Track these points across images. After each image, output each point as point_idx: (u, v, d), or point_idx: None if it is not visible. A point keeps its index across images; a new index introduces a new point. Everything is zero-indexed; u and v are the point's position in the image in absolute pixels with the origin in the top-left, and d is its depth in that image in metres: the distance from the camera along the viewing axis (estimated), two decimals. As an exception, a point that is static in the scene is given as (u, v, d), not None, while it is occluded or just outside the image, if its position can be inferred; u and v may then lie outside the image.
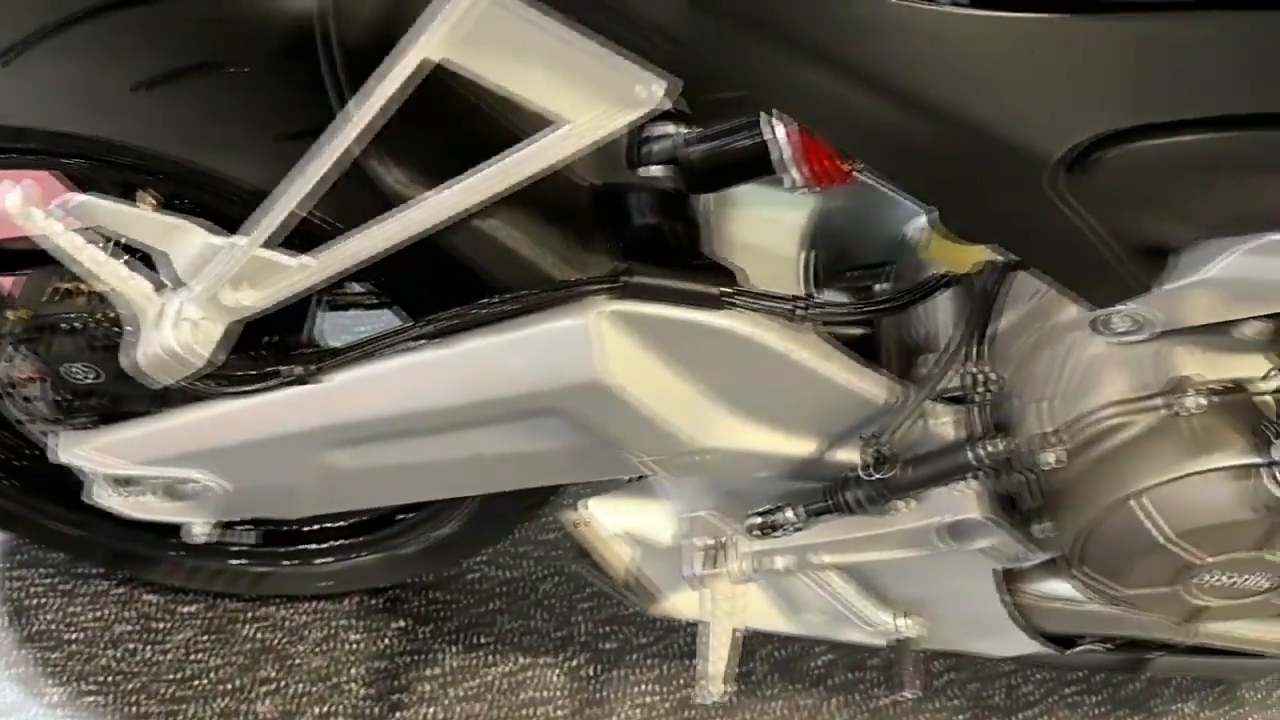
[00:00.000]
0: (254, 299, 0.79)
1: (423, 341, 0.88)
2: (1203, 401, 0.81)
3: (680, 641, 1.49)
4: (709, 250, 0.97)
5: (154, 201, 0.83)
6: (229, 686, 1.38)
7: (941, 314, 1.00)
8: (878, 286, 1.04)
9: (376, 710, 1.38)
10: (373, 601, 1.47)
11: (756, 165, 0.90)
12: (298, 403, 0.92)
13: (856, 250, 1.10)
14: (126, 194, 0.85)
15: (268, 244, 0.77)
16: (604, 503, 1.07)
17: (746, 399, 0.91)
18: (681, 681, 1.45)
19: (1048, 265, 0.80)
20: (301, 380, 0.91)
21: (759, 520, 0.99)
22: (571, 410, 0.88)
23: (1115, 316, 0.83)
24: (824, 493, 0.96)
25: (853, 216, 1.08)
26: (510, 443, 0.95)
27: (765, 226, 1.05)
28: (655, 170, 0.93)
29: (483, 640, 1.45)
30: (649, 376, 0.88)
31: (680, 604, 1.12)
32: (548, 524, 1.52)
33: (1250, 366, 0.82)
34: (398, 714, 1.38)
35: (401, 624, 1.46)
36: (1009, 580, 1.10)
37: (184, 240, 0.78)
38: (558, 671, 1.44)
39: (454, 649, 1.44)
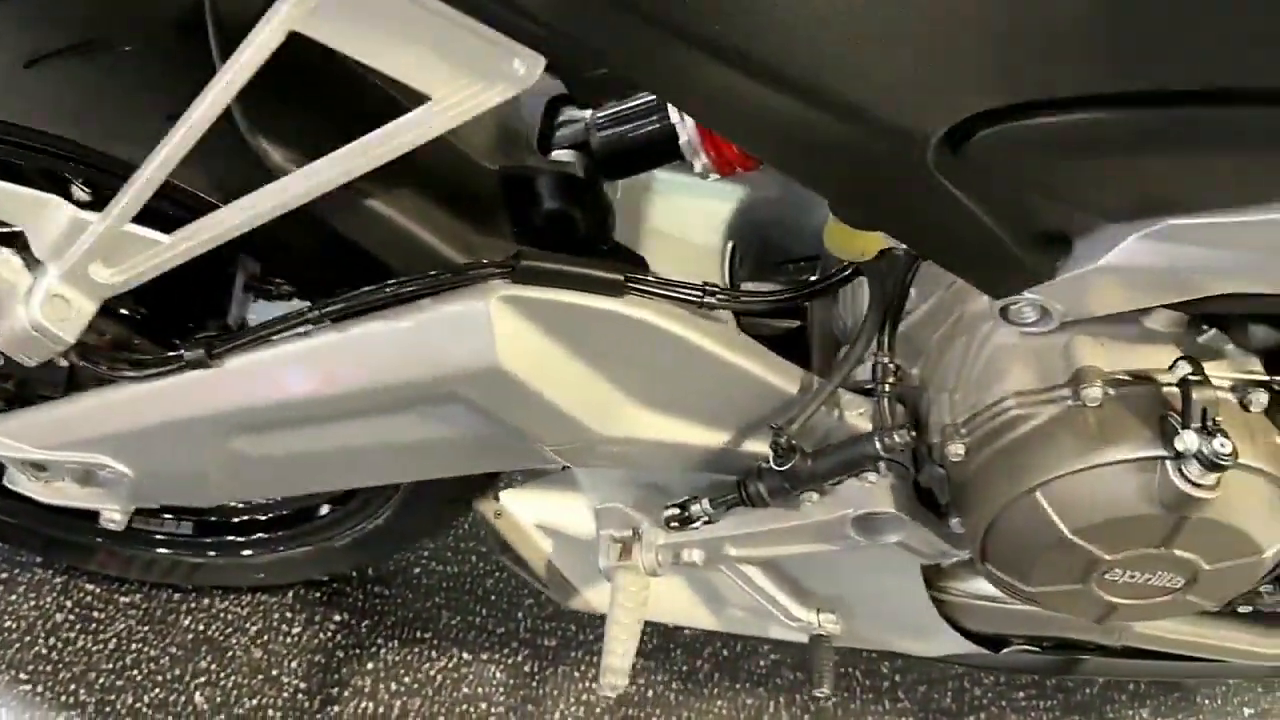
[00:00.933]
0: (126, 276, 0.78)
1: (320, 326, 0.87)
2: (1106, 393, 0.79)
3: (624, 639, 1.47)
4: (622, 237, 0.96)
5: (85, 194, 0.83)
6: (165, 677, 1.37)
7: (864, 306, 0.98)
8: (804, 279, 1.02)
9: (311, 704, 1.37)
10: (313, 595, 1.46)
11: (664, 150, 0.89)
12: (197, 387, 0.90)
13: (787, 243, 1.09)
14: (56, 183, 0.85)
15: (140, 219, 0.76)
16: (520, 494, 1.05)
17: (653, 388, 0.90)
18: (623, 679, 1.43)
19: (941, 253, 0.78)
20: (201, 365, 0.89)
21: (672, 512, 0.98)
22: (471, 397, 0.87)
23: (1020, 306, 0.81)
24: (735, 485, 0.94)
25: (781, 209, 1.07)
26: (415, 430, 0.94)
27: (688, 217, 1.03)
28: (564, 155, 0.91)
29: (423, 635, 1.44)
30: (550, 363, 0.86)
31: (597, 597, 1.10)
32: (493, 519, 1.50)
33: (1157, 358, 0.80)
34: (332, 708, 1.37)
35: (341, 618, 1.44)
36: (936, 579, 1.08)
37: (51, 216, 0.76)
38: (498, 667, 1.42)
39: (393, 644, 1.43)
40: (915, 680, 1.48)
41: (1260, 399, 0.77)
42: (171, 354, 0.90)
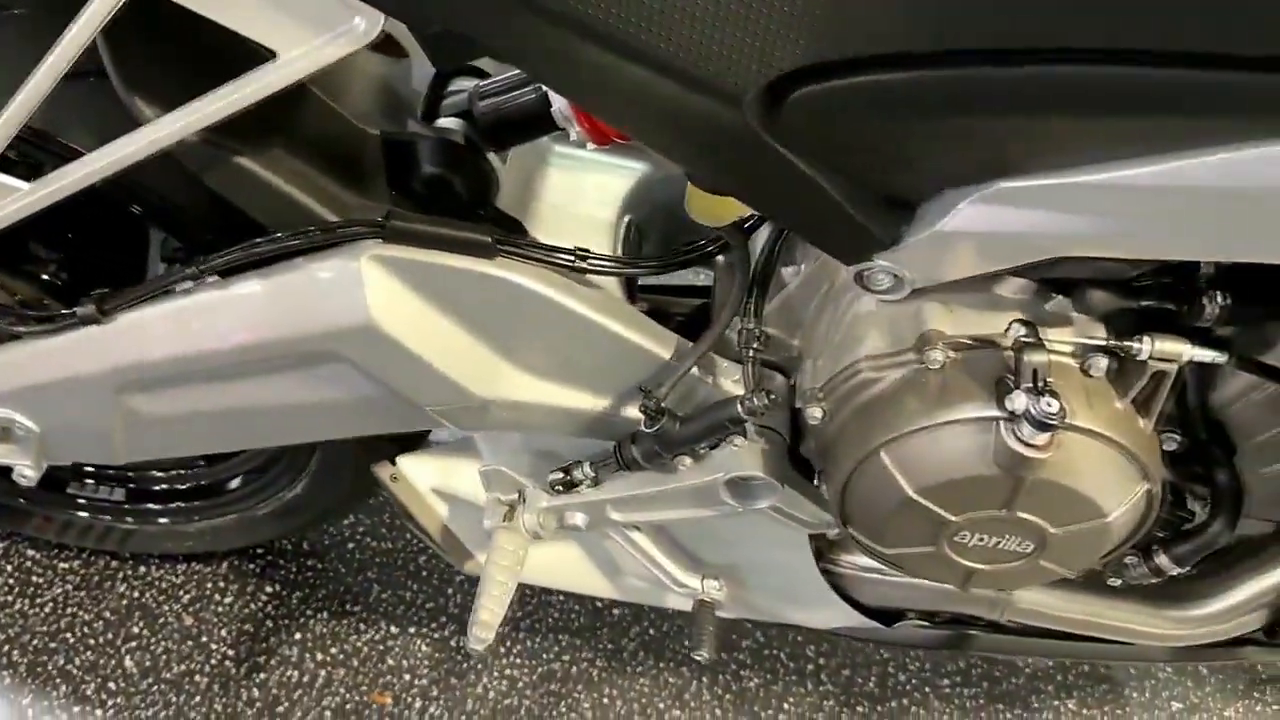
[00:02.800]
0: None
1: (203, 284, 0.90)
2: (948, 356, 0.80)
3: (552, 616, 1.49)
4: (518, 210, 0.99)
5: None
6: (97, 641, 1.40)
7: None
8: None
9: (237, 671, 1.39)
10: (247, 566, 1.49)
11: (542, 120, 0.91)
12: (91, 343, 0.93)
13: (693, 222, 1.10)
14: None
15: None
16: (417, 459, 1.08)
17: (529, 351, 0.92)
18: (549, 656, 1.46)
19: (787, 218, 0.80)
20: (94, 320, 0.92)
21: (556, 476, 1.00)
22: (348, 355, 0.89)
23: (873, 273, 0.82)
24: (613, 448, 0.96)
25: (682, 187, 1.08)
26: (303, 391, 0.96)
27: (585, 193, 1.05)
28: (448, 123, 0.94)
29: (352, 608, 1.47)
30: (423, 323, 0.88)
31: None
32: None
33: (1000, 323, 0.81)
34: (258, 675, 1.39)
35: (273, 589, 1.47)
36: (829, 551, 1.09)
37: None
38: (424, 641, 1.45)
39: (323, 615, 1.46)
40: (839, 664, 1.49)
41: (1100, 364, 0.79)
42: (65, 310, 0.93)
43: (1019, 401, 0.76)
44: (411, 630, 1.45)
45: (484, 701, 1.40)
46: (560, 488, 0.99)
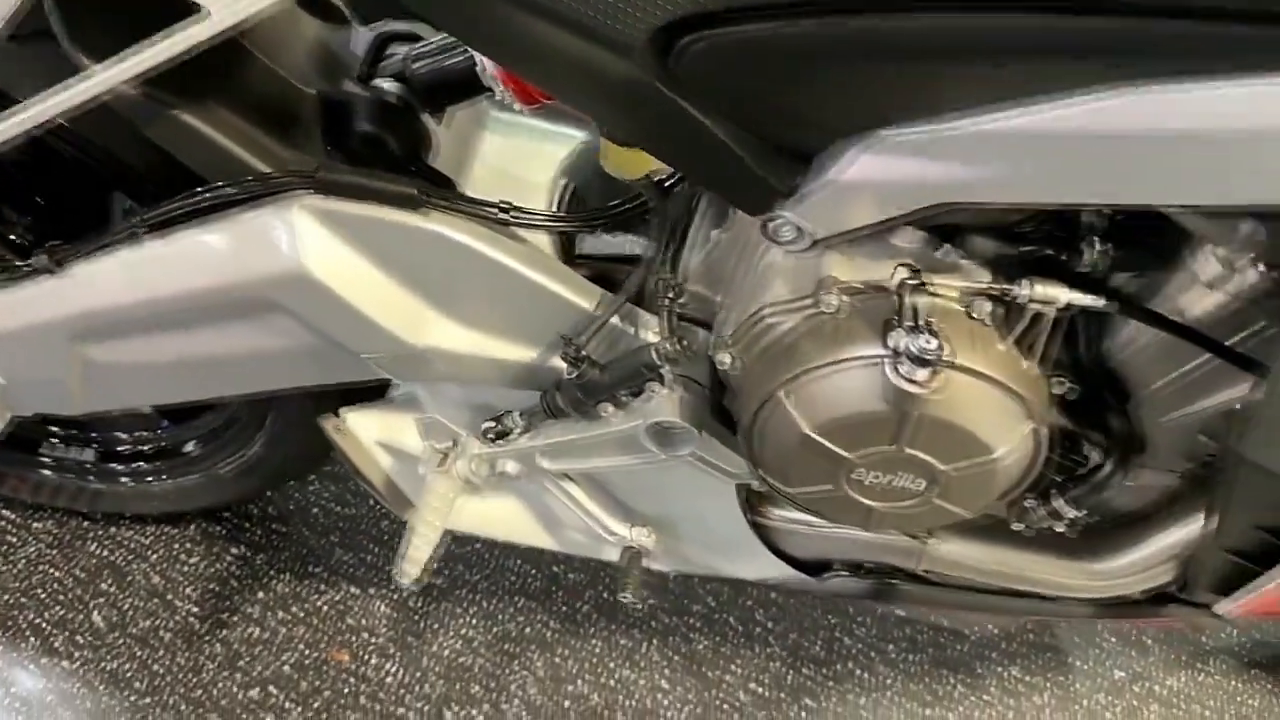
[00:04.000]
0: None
1: (150, 236, 0.95)
2: (843, 300, 0.84)
3: (509, 580, 1.54)
4: (457, 172, 1.03)
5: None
6: (67, 597, 1.45)
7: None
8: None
9: (201, 627, 1.44)
10: (215, 529, 1.54)
11: (473, 82, 0.96)
12: (44, 293, 0.99)
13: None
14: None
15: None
16: (361, 412, 1.12)
17: (458, 301, 0.96)
18: (504, 617, 1.50)
19: (688, 167, 0.85)
20: (48, 270, 0.97)
21: (489, 425, 1.04)
22: (284, 303, 0.94)
23: (778, 224, 0.86)
24: (541, 397, 1.01)
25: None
26: (250, 340, 1.01)
27: (524, 157, 1.10)
28: (384, 84, 0.99)
29: (315, 570, 1.51)
30: (355, 272, 0.93)
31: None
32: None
33: (892, 270, 0.85)
34: (220, 631, 1.44)
35: (239, 550, 1.52)
36: (758, 504, 1.13)
37: None
38: (384, 602, 1.49)
39: (286, 576, 1.50)
40: (787, 629, 1.53)
41: (983, 307, 0.83)
42: (21, 261, 0.98)
43: (901, 340, 0.80)
44: (371, 591, 1.50)
45: (439, 659, 1.45)
46: (493, 436, 1.04)
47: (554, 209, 1.08)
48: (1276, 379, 0.75)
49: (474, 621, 1.49)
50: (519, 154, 1.08)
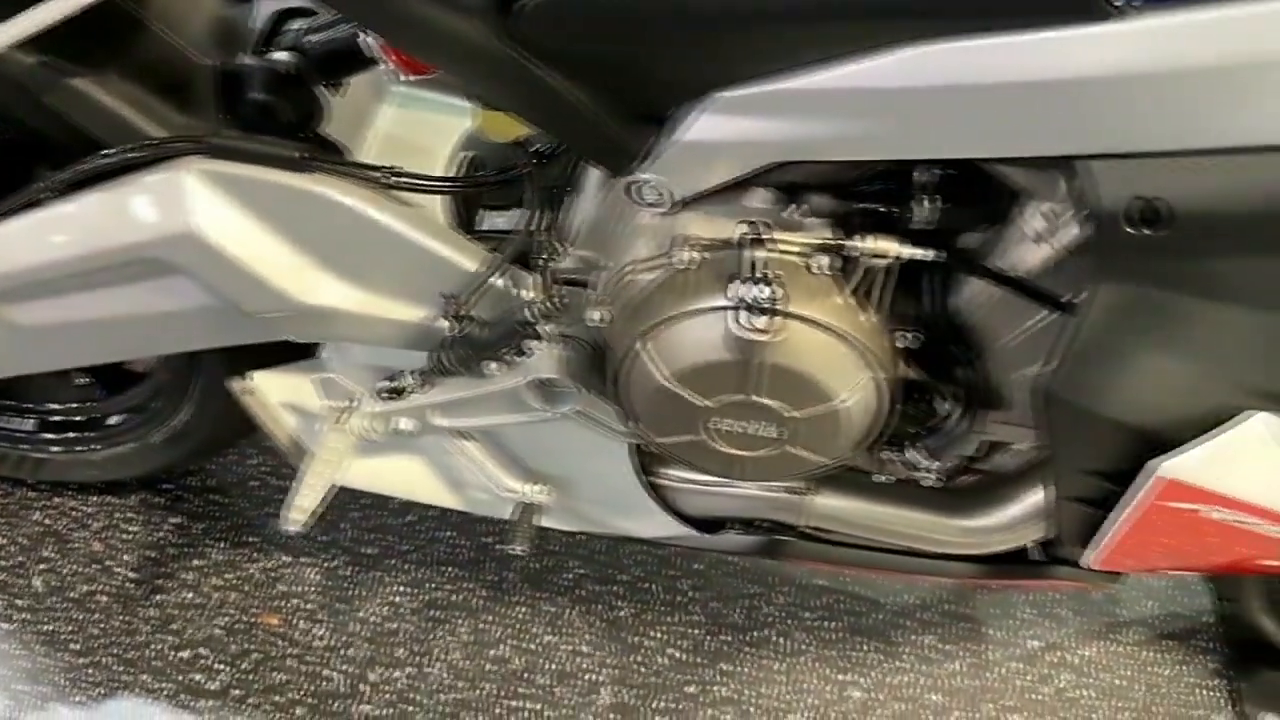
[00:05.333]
0: None
1: (54, 198, 1.00)
2: (695, 256, 0.89)
3: (440, 550, 1.59)
4: (358, 142, 1.08)
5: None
6: (9, 563, 1.51)
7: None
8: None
9: (138, 591, 1.50)
10: (155, 499, 1.59)
11: (361, 54, 1.01)
12: (-42, 256, 1.04)
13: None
14: None
15: None
16: (269, 374, 1.17)
17: (346, 261, 1.01)
18: (433, 585, 1.55)
19: (547, 127, 0.90)
20: (-40, 234, 1.03)
21: (385, 384, 1.09)
22: (178, 262, 0.99)
23: (641, 186, 0.91)
24: (431, 355, 1.06)
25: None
26: (156, 301, 1.06)
27: (424, 128, 1.15)
28: (279, 56, 1.04)
29: (251, 540, 1.56)
30: (244, 232, 0.98)
31: (345, 471, 1.21)
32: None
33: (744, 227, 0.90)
34: (156, 596, 1.49)
35: (178, 520, 1.58)
36: (652, 463, 1.18)
37: None
38: (316, 570, 1.54)
39: (222, 545, 1.56)
40: (709, 597, 1.57)
41: (822, 261, 0.87)
42: (-61, 224, 1.03)
43: (741, 290, 0.85)
44: (304, 560, 1.55)
45: (366, 624, 1.49)
46: (388, 394, 1.09)
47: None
48: (1083, 315, 0.79)
49: (402, 589, 1.54)
50: (419, 124, 1.13)
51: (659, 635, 1.53)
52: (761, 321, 0.84)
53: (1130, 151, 0.71)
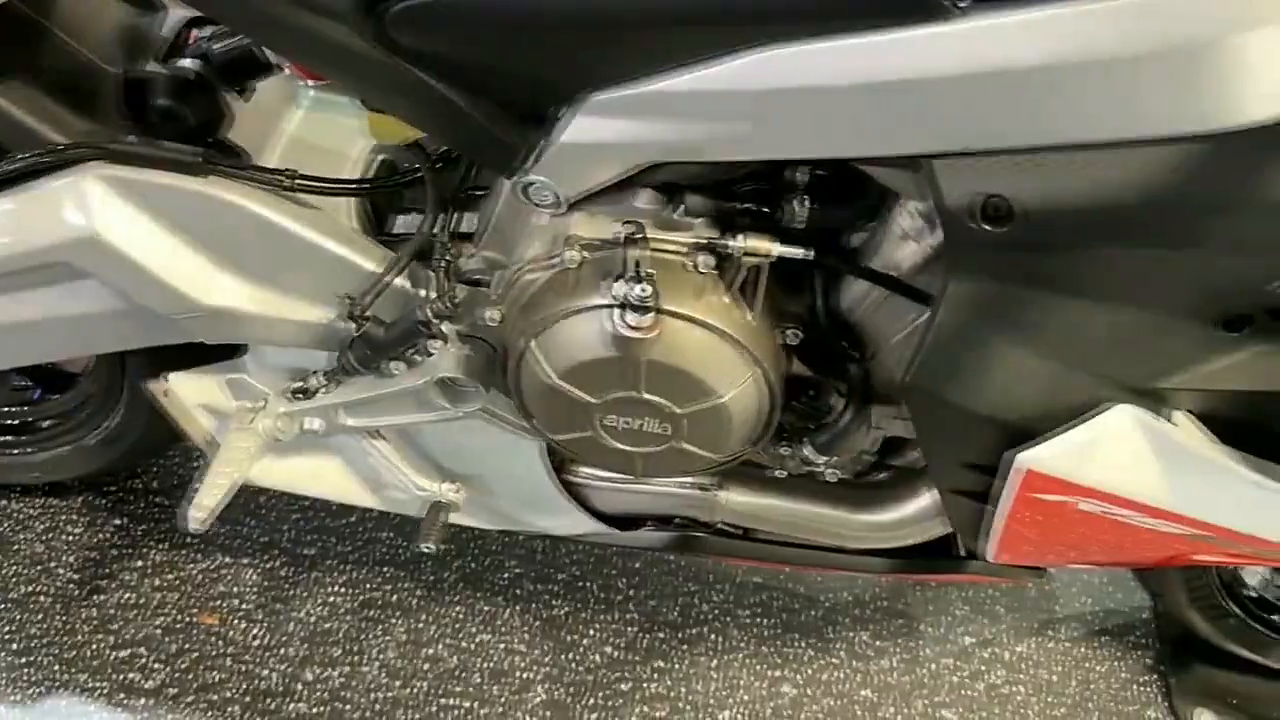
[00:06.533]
0: None
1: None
2: (582, 256, 0.91)
3: (379, 550, 1.60)
4: (270, 147, 1.10)
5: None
6: (-48, 566, 1.53)
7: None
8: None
9: (79, 592, 1.51)
10: (99, 501, 1.61)
11: (263, 61, 1.03)
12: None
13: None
14: None
15: None
16: (186, 376, 1.19)
17: (247, 263, 1.03)
18: (371, 585, 1.56)
19: (431, 129, 0.92)
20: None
21: (295, 385, 1.11)
22: (84, 266, 1.01)
23: (530, 187, 0.92)
24: (336, 356, 1.07)
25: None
26: (65, 304, 1.08)
27: (336, 131, 1.17)
28: (185, 63, 1.06)
29: (191, 540, 1.58)
30: (146, 236, 1.00)
31: (258, 471, 1.23)
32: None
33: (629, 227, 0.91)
34: (96, 597, 1.51)
35: (120, 522, 1.59)
36: (569, 461, 1.19)
37: None
38: (255, 571, 1.56)
39: (163, 546, 1.57)
40: (647, 595, 1.59)
41: (705, 260, 0.89)
42: None
43: (619, 289, 0.86)
44: (244, 560, 1.56)
45: (303, 624, 1.51)
46: (297, 395, 1.10)
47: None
48: (937, 311, 0.80)
49: (340, 589, 1.55)
50: (331, 128, 1.15)
51: (594, 633, 1.54)
52: (639, 319, 0.86)
53: (972, 149, 0.73)
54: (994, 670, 1.56)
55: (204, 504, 1.06)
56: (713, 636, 1.55)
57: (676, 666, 1.52)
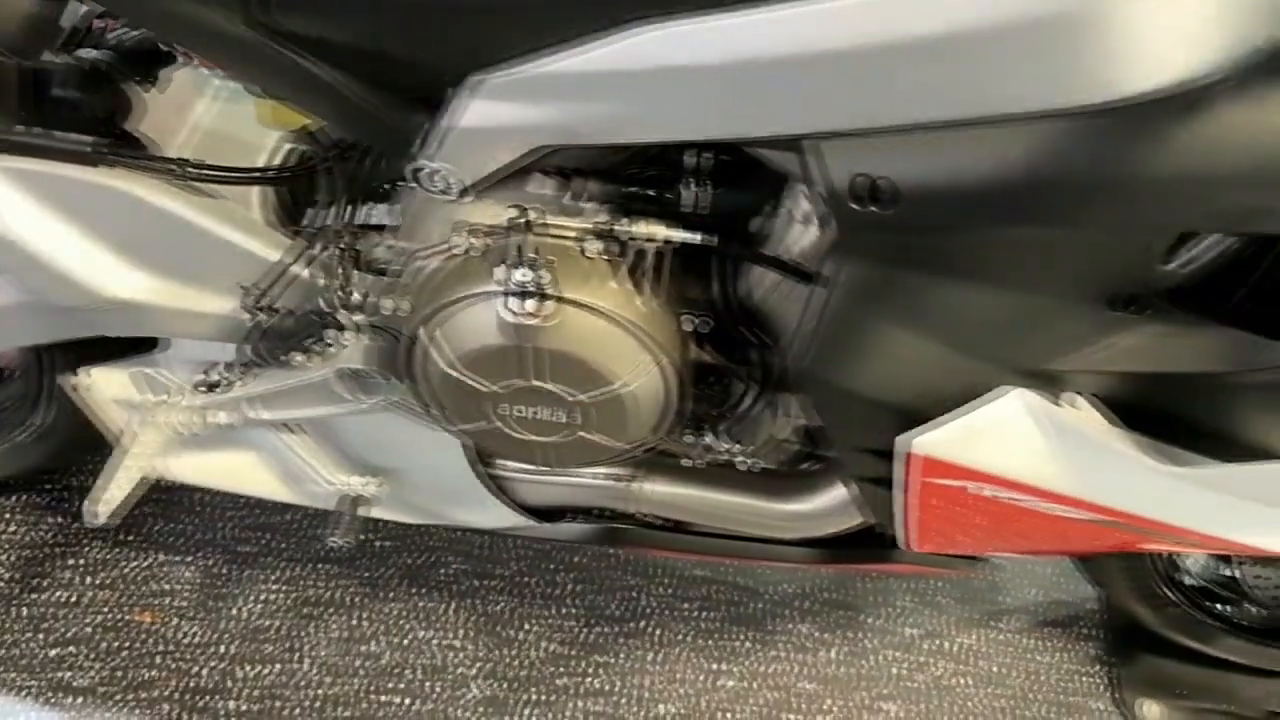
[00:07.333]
0: None
1: None
2: (474, 243, 0.89)
3: (317, 547, 1.59)
4: (156, 129, 1.08)
5: None
6: (-116, 566, 1.51)
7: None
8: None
9: (14, 591, 1.50)
10: (37, 499, 1.59)
11: (172, 51, 1.02)
12: None
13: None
14: None
15: None
16: (103, 370, 1.17)
17: (147, 254, 1.01)
18: (308, 582, 1.55)
19: (320, 114, 0.90)
20: None
21: (200, 378, 1.10)
22: (-16, 260, 1.00)
23: (424, 172, 0.91)
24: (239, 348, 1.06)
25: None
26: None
27: (248, 122, 1.15)
28: (86, 53, 1.04)
29: (129, 539, 1.57)
30: (43, 228, 0.98)
31: (175, 466, 1.22)
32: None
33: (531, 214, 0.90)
34: (31, 595, 1.50)
35: (58, 520, 1.58)
36: (488, 452, 1.18)
37: None
38: (192, 569, 1.55)
39: (100, 544, 1.56)
40: (587, 590, 1.57)
41: (595, 246, 0.87)
42: None
43: (512, 275, 0.85)
44: (180, 558, 1.55)
45: (238, 621, 1.50)
46: (206, 388, 1.09)
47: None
48: (826, 294, 0.79)
49: (277, 586, 1.54)
50: (244, 118, 1.13)
51: (535, 629, 1.53)
52: (532, 305, 0.85)
53: (851, 129, 0.71)
54: (938, 662, 1.55)
55: (107, 498, 1.04)
56: (655, 630, 1.54)
57: (616, 661, 1.50)
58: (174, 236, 0.99)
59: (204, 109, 1.13)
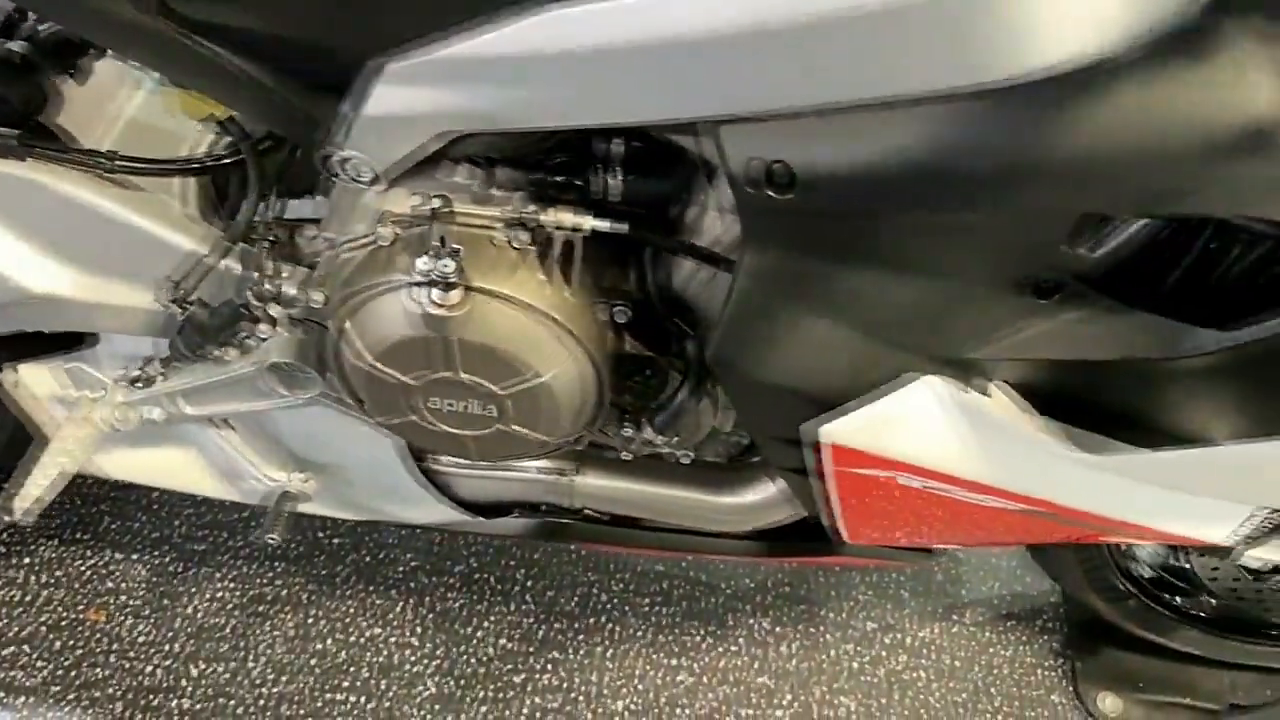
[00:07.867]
0: None
1: None
2: (396, 233, 0.88)
3: (268, 546, 1.57)
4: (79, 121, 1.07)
5: None
6: None
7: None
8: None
9: (-38, 592, 1.49)
10: (-13, 499, 1.58)
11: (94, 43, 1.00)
12: None
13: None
14: None
15: None
16: (36, 367, 1.16)
17: (70, 248, 1.00)
18: (262, 580, 1.54)
19: (227, 102, 0.89)
20: None
21: (133, 374, 1.08)
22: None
23: (336, 161, 0.89)
24: (169, 343, 1.05)
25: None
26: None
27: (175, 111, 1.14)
28: (8, 45, 1.03)
29: (81, 537, 1.56)
30: (-35, 222, 0.97)
31: (109, 463, 1.21)
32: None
33: (439, 202, 0.89)
34: (-20, 596, 1.49)
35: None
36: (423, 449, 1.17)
37: None
38: (144, 566, 1.54)
39: (51, 543, 1.55)
40: (545, 587, 1.56)
41: (521, 237, 0.86)
42: None
43: (424, 265, 0.84)
44: (134, 556, 1.54)
45: (191, 620, 1.49)
46: (135, 384, 1.08)
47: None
48: (733, 281, 0.78)
49: (230, 584, 1.53)
50: (169, 108, 1.12)
51: (489, 625, 1.52)
52: (445, 295, 0.84)
53: (746, 113, 0.70)
54: (895, 656, 1.54)
55: (29, 494, 1.03)
56: (610, 626, 1.53)
57: (571, 657, 1.49)
58: (97, 230, 0.98)
59: (126, 99, 1.11)
